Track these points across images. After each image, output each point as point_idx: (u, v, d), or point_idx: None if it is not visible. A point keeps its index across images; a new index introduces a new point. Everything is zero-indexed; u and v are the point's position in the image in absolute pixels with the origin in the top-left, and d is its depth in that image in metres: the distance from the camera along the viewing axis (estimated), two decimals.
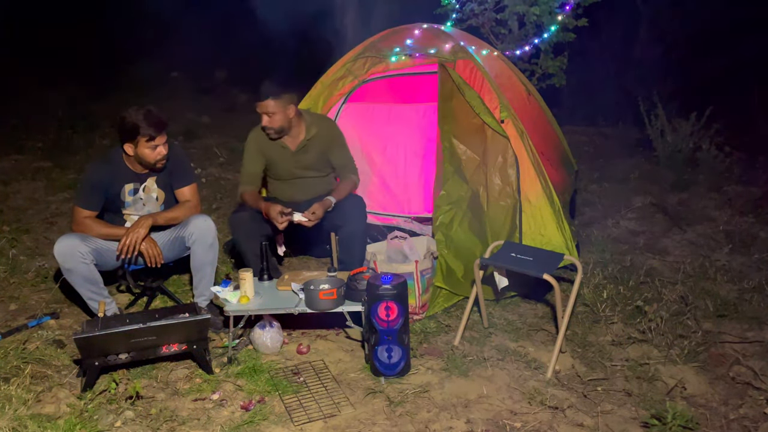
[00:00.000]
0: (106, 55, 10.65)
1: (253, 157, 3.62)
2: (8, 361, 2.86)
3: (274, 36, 8.03)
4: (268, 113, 3.40)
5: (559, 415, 2.54)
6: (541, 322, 3.31)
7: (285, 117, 3.43)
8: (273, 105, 3.38)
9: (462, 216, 3.45)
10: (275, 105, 3.38)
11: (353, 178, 3.66)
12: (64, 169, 6.08)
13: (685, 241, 4.39)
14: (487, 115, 3.59)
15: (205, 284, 3.19)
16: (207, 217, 3.15)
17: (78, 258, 2.95)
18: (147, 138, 3.02)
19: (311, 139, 3.55)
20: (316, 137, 3.56)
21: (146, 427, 2.48)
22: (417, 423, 2.49)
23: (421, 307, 3.30)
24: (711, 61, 7.92)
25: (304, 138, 3.54)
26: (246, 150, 3.64)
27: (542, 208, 3.57)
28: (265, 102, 3.37)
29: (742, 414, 2.55)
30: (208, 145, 6.93)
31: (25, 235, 4.52)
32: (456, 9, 5.89)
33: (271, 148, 3.57)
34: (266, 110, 3.39)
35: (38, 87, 9.08)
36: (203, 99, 9.18)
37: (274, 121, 3.42)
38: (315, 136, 3.56)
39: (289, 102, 3.43)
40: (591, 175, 5.80)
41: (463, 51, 3.83)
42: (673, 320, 3.23)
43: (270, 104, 3.37)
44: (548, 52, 5.96)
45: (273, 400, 2.65)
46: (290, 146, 3.56)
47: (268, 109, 3.39)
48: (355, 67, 4.09)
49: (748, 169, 5.85)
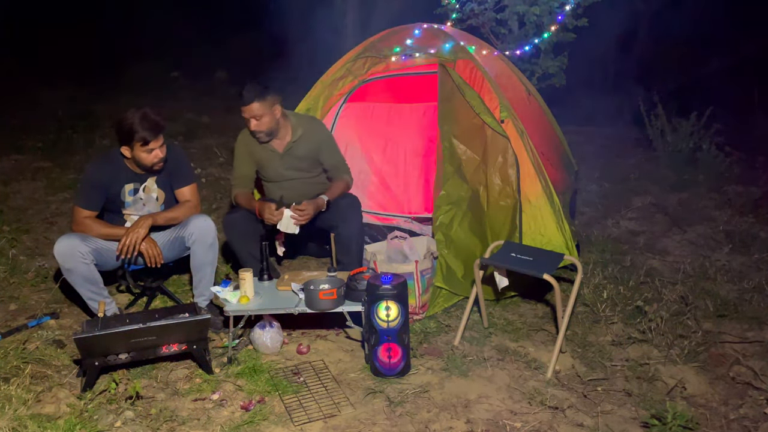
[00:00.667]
0: (106, 55, 10.65)
1: (243, 160, 3.59)
2: (8, 361, 2.86)
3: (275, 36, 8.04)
4: (255, 117, 3.34)
5: (559, 415, 2.54)
6: (541, 322, 3.31)
7: (272, 118, 3.39)
8: (259, 107, 3.32)
9: (462, 216, 3.45)
10: (261, 107, 3.32)
11: (346, 178, 3.62)
12: (64, 169, 6.08)
13: (685, 241, 4.39)
14: (487, 115, 3.58)
15: (205, 284, 3.19)
16: (207, 217, 3.15)
17: (78, 258, 2.95)
18: (141, 142, 3.02)
19: (297, 141, 3.51)
20: (303, 138, 3.52)
21: (146, 427, 2.48)
22: (417, 423, 2.49)
23: (421, 307, 3.30)
24: (711, 61, 7.93)
25: (290, 140, 3.50)
26: (236, 153, 3.62)
27: (542, 208, 3.57)
28: (250, 106, 3.32)
29: (742, 414, 2.55)
30: (208, 145, 6.92)
31: (25, 235, 4.52)
32: (456, 9, 5.89)
33: (259, 151, 3.54)
34: (253, 114, 3.34)
35: (38, 87, 9.08)
36: (203, 99, 9.17)
37: (262, 124, 3.37)
38: (301, 137, 3.52)
39: (274, 103, 3.38)
40: (591, 175, 5.79)
41: (463, 51, 3.83)
42: (673, 320, 3.23)
43: (255, 107, 3.32)
44: (548, 52, 5.96)
45: (273, 400, 2.65)
46: (278, 148, 3.52)
47: (255, 113, 3.33)
48: (355, 67, 4.09)
49: (748, 169, 5.85)
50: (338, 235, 3.46)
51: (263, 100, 3.33)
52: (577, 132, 6.99)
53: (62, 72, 9.93)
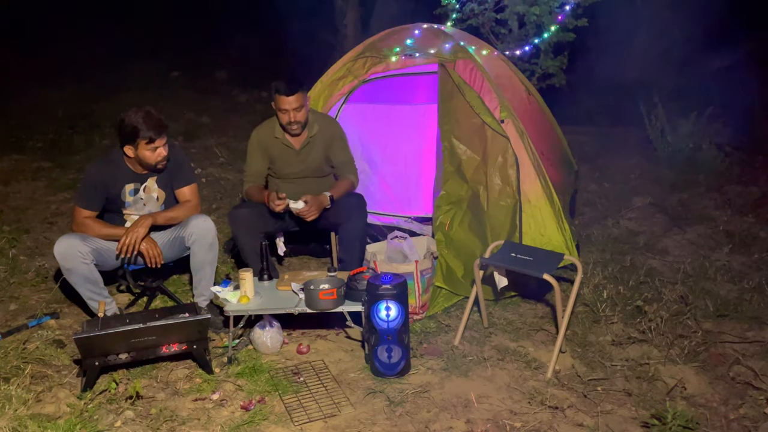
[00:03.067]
0: (106, 55, 10.64)
1: (256, 156, 3.61)
2: (8, 361, 2.86)
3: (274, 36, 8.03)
4: (297, 108, 3.39)
5: (559, 415, 2.54)
6: (541, 322, 3.31)
7: (307, 110, 3.47)
8: (300, 98, 3.38)
9: (462, 216, 3.45)
10: (302, 98, 3.40)
11: (351, 178, 3.63)
12: (64, 169, 6.07)
13: (685, 241, 4.39)
14: (487, 115, 3.59)
15: (205, 284, 3.19)
16: (207, 217, 3.15)
17: (78, 258, 2.95)
18: (147, 140, 3.02)
19: (314, 137, 3.55)
20: (319, 134, 3.56)
21: (146, 427, 2.48)
22: (417, 423, 2.49)
23: (421, 307, 3.30)
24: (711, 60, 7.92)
25: (308, 135, 3.54)
26: (249, 149, 3.64)
27: (542, 208, 3.57)
28: (294, 96, 3.36)
29: (742, 414, 2.56)
30: (208, 145, 6.92)
31: (25, 235, 4.52)
32: (456, 9, 5.89)
33: (274, 147, 3.57)
34: (296, 105, 3.38)
35: (38, 87, 9.07)
36: (203, 99, 9.17)
37: (301, 115, 3.43)
38: (318, 132, 3.56)
39: (307, 97, 3.47)
40: (591, 175, 5.79)
41: (463, 51, 3.83)
42: (673, 320, 3.23)
43: (299, 98, 3.37)
44: (548, 52, 5.96)
45: (273, 400, 2.65)
46: (294, 145, 3.56)
47: (296, 104, 3.38)
48: (355, 67, 4.09)
49: (748, 169, 5.85)
50: (342, 233, 3.46)
51: (303, 93, 3.41)
52: (577, 132, 7.00)
53: (62, 72, 9.92)
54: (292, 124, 3.44)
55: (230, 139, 7.24)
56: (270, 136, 3.55)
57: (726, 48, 7.53)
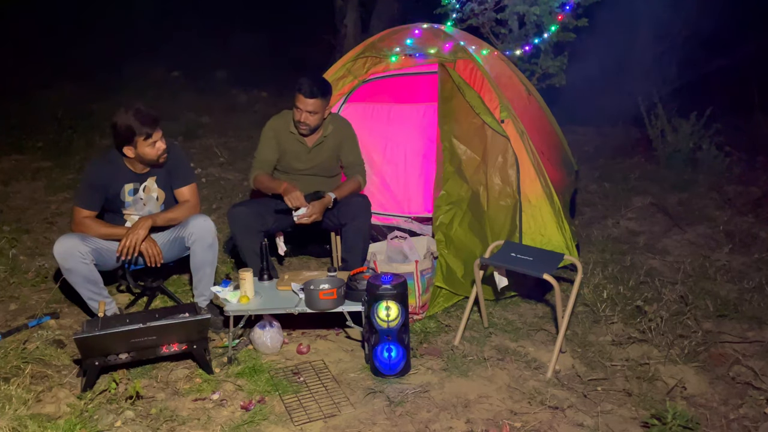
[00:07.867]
0: (106, 55, 10.64)
1: (269, 145, 3.61)
2: (8, 361, 2.86)
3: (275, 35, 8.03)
4: (310, 112, 3.40)
5: (559, 415, 2.54)
6: (541, 322, 3.31)
7: (321, 117, 3.47)
8: (318, 105, 3.39)
9: (462, 216, 3.45)
10: (320, 105, 3.41)
11: (358, 178, 3.66)
12: (64, 169, 6.07)
13: (685, 241, 4.39)
14: (487, 115, 3.59)
15: (205, 284, 3.19)
16: (207, 217, 3.15)
17: (78, 258, 2.95)
18: (144, 137, 3.02)
19: (327, 137, 3.58)
20: (332, 134, 3.60)
21: (146, 427, 2.48)
22: (417, 423, 2.49)
23: (421, 307, 3.30)
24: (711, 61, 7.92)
25: (322, 134, 3.57)
26: (263, 137, 3.63)
27: (542, 208, 3.57)
28: (311, 100, 3.37)
29: (742, 414, 2.56)
30: (208, 145, 6.92)
31: (25, 235, 4.52)
32: (456, 9, 5.89)
33: (288, 140, 3.58)
34: (309, 108, 3.39)
35: (38, 87, 9.07)
36: (203, 99, 9.17)
37: (312, 120, 3.44)
38: (331, 133, 3.59)
39: (328, 104, 3.48)
40: (591, 175, 5.80)
41: (463, 51, 3.83)
42: (673, 320, 3.23)
43: (316, 103, 3.38)
44: (548, 52, 5.96)
45: (273, 400, 2.65)
46: (308, 142, 3.57)
47: (311, 108, 3.39)
48: (355, 67, 4.09)
49: (748, 169, 5.86)
50: (346, 234, 3.46)
51: (324, 99, 3.42)
52: (577, 132, 7.00)
53: (62, 72, 9.92)
54: (301, 124, 3.46)
55: (230, 139, 7.24)
56: (285, 128, 3.57)
57: (726, 48, 7.53)
